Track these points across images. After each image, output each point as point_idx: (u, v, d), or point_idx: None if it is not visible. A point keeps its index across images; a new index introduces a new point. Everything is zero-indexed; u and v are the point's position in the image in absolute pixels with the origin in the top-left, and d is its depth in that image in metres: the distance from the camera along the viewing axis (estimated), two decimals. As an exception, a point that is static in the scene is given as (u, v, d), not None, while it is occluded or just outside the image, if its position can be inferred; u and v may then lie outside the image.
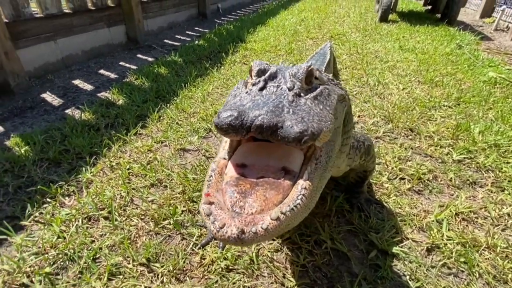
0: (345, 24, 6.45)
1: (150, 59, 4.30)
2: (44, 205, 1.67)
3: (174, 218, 1.57)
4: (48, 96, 3.07)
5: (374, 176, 1.93)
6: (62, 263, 1.36)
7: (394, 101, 2.91)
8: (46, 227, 1.54)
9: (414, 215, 1.66)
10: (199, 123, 2.52)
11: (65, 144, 2.19)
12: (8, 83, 2.96)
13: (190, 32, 5.85)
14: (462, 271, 1.37)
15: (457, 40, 4.88)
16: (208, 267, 1.35)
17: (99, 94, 3.14)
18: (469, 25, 6.67)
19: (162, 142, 2.29)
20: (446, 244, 1.48)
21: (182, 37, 5.49)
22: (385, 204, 1.72)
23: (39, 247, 1.41)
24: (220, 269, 1.34)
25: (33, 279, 1.29)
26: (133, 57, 4.41)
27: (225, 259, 1.38)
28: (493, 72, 3.40)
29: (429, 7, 7.96)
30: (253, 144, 0.90)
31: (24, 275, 1.30)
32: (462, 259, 1.41)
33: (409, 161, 2.09)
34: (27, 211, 1.61)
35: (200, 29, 6.10)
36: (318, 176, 0.81)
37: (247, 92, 0.88)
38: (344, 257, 1.42)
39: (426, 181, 1.93)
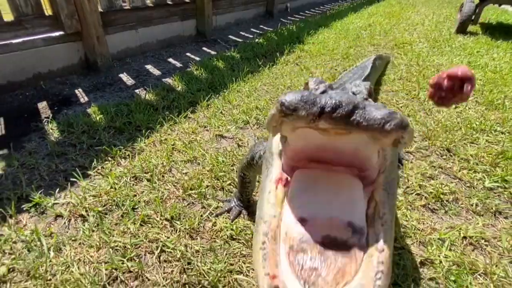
0: (415, 32, 6.12)
1: (213, 52, 4.72)
2: (106, 162, 2.12)
3: (199, 190, 1.88)
4: (124, 77, 3.66)
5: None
6: (110, 207, 1.76)
7: (439, 119, 2.82)
8: (104, 178, 1.98)
9: (419, 230, 1.71)
10: (240, 115, 2.80)
11: (129, 117, 2.66)
12: (96, 62, 3.61)
13: (254, 30, 6.18)
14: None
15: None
16: (217, 232, 1.63)
17: (163, 80, 3.63)
18: None
19: (205, 127, 2.62)
20: (441, 261, 1.52)
21: (245, 34, 5.84)
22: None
23: (96, 192, 1.84)
24: (226, 236, 1.60)
25: (89, 213, 1.71)
26: (199, 49, 4.88)
27: (231, 229, 1.63)
28: None
29: (523, 19, 7.04)
30: (307, 184, 0.74)
31: (84, 209, 1.73)
32: (453, 278, 1.44)
33: (433, 179, 2.08)
34: (93, 164, 2.08)
35: (265, 27, 6.39)
36: (389, 239, 0.64)
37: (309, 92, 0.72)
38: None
39: (444, 201, 1.92)
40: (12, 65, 3.00)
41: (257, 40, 5.23)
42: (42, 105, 2.90)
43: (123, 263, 1.44)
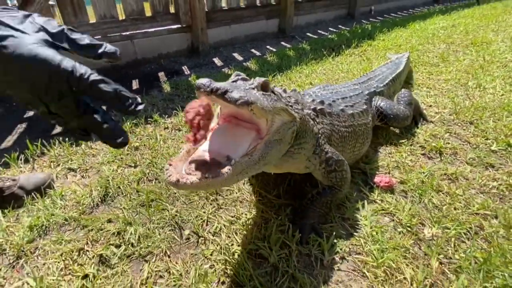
0: (503, 33, 5.80)
1: (289, 46, 5.58)
2: (196, 104, 3.19)
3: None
4: (216, 60, 4.83)
5: (390, 139, 2.49)
6: (195, 126, 2.78)
7: (476, 102, 3.05)
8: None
9: (408, 165, 2.19)
10: (294, 87, 3.57)
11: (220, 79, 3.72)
12: (198, 48, 4.86)
13: (332, 29, 6.80)
14: (412, 196, 1.93)
15: None
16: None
17: (244, 63, 4.65)
18: None
19: (266, 92, 3.49)
20: (414, 183, 2.01)
21: (323, 32, 6.51)
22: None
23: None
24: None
25: (183, 128, 2.74)
26: (278, 43, 5.80)
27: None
28: None
29: None
30: (219, 129, 1.25)
31: (181, 126, 2.77)
32: (419, 192, 1.94)
33: (440, 139, 2.47)
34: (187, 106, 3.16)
35: (343, 27, 6.93)
36: (244, 166, 1.12)
37: (224, 82, 1.13)
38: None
39: (443, 153, 2.33)
40: (147, 46, 4.43)
41: (329, 36, 5.87)
42: (161, 74, 4.22)
43: (198, 151, 2.40)
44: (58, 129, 2.87)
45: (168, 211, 1.83)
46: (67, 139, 2.54)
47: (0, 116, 3.16)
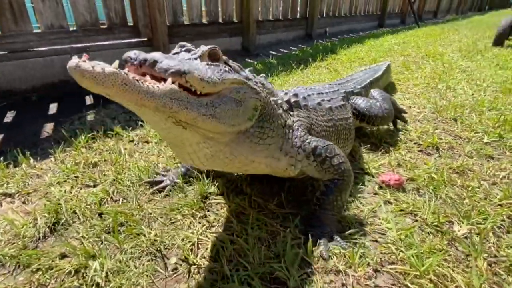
0: (450, 47, 6.34)
1: (254, 62, 5.46)
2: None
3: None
4: (181, 74, 4.50)
5: (389, 134, 2.34)
6: (167, 137, 2.38)
7: (451, 101, 3.09)
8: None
9: (410, 162, 2.02)
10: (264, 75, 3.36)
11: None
12: (161, 63, 4.51)
13: (293, 48, 6.90)
14: (426, 193, 1.72)
15: None
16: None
17: (212, 76, 4.38)
18: None
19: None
20: (425, 179, 1.82)
21: (285, 50, 6.57)
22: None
23: (158, 129, 2.48)
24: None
25: (152, 140, 2.33)
26: (243, 60, 5.65)
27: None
28: None
29: None
30: None
31: (148, 137, 2.36)
32: (432, 187, 1.75)
33: (434, 135, 2.37)
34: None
35: (302, 46, 7.08)
36: (185, 98, 0.94)
37: (160, 54, 0.97)
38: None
39: (440, 149, 2.21)
40: (103, 60, 3.97)
41: (294, 52, 5.90)
42: (120, 89, 3.77)
43: (174, 163, 2.01)
44: (-12, 151, 2.28)
45: (144, 235, 1.40)
46: (1, 158, 1.99)
47: None
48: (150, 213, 1.56)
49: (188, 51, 1.14)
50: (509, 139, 2.26)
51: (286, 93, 1.67)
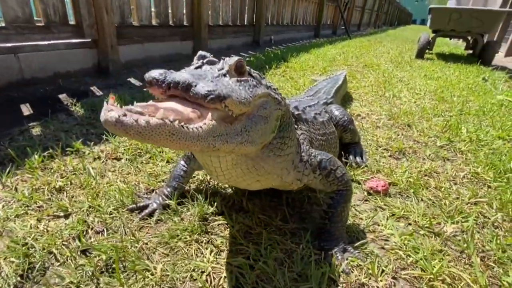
0: (381, 58, 7.09)
1: (208, 67, 5.32)
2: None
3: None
4: (132, 80, 4.14)
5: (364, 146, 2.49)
6: (140, 152, 2.15)
7: (401, 108, 3.44)
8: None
9: (385, 167, 2.18)
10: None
11: (143, 102, 3.09)
12: (108, 68, 4.09)
13: (243, 54, 6.93)
14: (408, 196, 1.88)
15: (484, 75, 5.24)
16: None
17: (168, 83, 4.12)
18: (504, 67, 6.88)
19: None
20: (403, 182, 1.98)
21: (236, 56, 6.55)
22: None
23: (127, 144, 2.23)
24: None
25: (123, 156, 2.08)
26: (195, 65, 5.48)
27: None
28: (501, 95, 3.76)
29: (471, 51, 8.29)
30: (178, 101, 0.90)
31: (118, 153, 2.10)
32: (412, 190, 1.91)
33: (397, 141, 2.61)
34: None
35: (252, 53, 7.17)
36: (224, 130, 0.87)
37: (184, 69, 0.94)
38: None
39: (406, 153, 2.44)
40: (38, 63, 3.43)
41: (247, 59, 5.93)
42: (63, 96, 3.30)
43: (157, 182, 1.82)
44: None
45: (149, 271, 1.23)
46: None
47: None
48: (146, 243, 1.38)
49: (211, 63, 1.04)
50: (457, 142, 2.61)
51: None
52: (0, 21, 3.12)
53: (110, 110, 0.68)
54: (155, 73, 0.81)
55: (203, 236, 1.45)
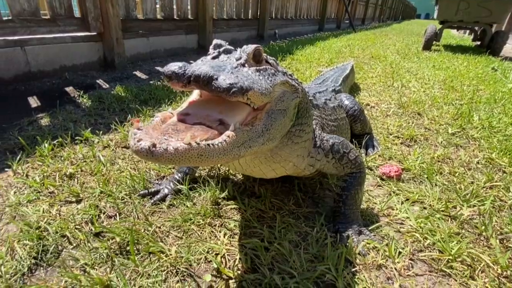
0: (388, 50, 7.01)
1: (213, 60, 5.30)
2: (140, 116, 2.51)
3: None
4: (138, 73, 4.13)
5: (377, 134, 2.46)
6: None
7: (411, 97, 3.39)
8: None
9: (398, 154, 2.14)
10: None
11: (151, 94, 3.09)
12: (114, 61, 4.08)
13: (247, 47, 6.90)
14: (422, 181, 1.84)
15: (493, 65, 5.15)
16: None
17: (173, 75, 4.11)
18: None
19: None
20: (416, 168, 1.95)
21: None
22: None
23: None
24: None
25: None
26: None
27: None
28: (512, 84, 3.70)
29: (479, 42, 8.17)
30: (202, 101, 0.97)
31: (127, 143, 2.09)
32: (425, 176, 1.87)
33: (408, 128, 2.57)
34: (128, 117, 2.47)
35: (257, 46, 7.13)
36: (246, 136, 0.86)
37: (201, 60, 0.93)
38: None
39: (417, 140, 2.40)
40: (44, 56, 3.43)
41: (252, 52, 5.89)
42: (69, 89, 3.30)
43: (168, 169, 1.81)
44: None
45: (163, 253, 1.21)
46: None
47: None
48: (159, 227, 1.37)
49: (227, 52, 1.02)
50: (469, 130, 2.56)
51: None
52: (4, 15, 3.11)
53: (140, 140, 0.71)
54: (174, 67, 0.79)
55: (216, 219, 1.43)
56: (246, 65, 0.95)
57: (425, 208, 1.60)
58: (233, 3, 6.80)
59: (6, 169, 1.74)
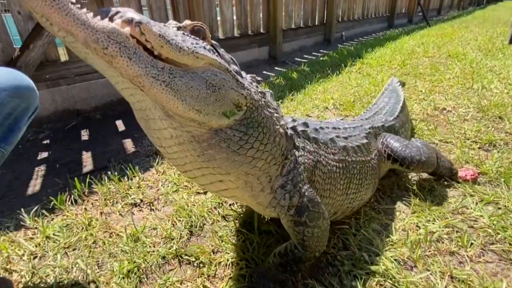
0: (468, 46, 6.57)
1: (283, 70, 5.74)
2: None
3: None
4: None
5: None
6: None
7: (492, 100, 3.32)
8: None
9: (475, 158, 2.26)
10: (319, 102, 3.62)
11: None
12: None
13: (315, 53, 7.18)
14: (499, 184, 1.97)
15: None
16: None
17: (252, 87, 4.66)
18: None
19: (294, 111, 3.48)
20: (493, 171, 2.07)
21: (309, 56, 6.85)
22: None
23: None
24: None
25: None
26: (272, 69, 5.95)
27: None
28: None
29: None
30: None
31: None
32: (502, 179, 1.99)
33: (487, 133, 2.61)
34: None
35: (324, 51, 7.36)
36: (130, 46, 0.79)
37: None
38: None
39: (497, 145, 2.45)
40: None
41: (321, 58, 6.18)
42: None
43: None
44: (88, 167, 2.56)
45: (276, 231, 1.66)
46: (116, 173, 2.26)
47: (9, 161, 2.75)
48: (267, 213, 1.83)
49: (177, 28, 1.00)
50: (559, 134, 2.50)
51: (294, 120, 1.44)
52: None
53: None
54: (103, 8, 0.83)
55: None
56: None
57: (499, 208, 1.76)
58: (300, 13, 7.17)
59: (150, 169, 2.40)
